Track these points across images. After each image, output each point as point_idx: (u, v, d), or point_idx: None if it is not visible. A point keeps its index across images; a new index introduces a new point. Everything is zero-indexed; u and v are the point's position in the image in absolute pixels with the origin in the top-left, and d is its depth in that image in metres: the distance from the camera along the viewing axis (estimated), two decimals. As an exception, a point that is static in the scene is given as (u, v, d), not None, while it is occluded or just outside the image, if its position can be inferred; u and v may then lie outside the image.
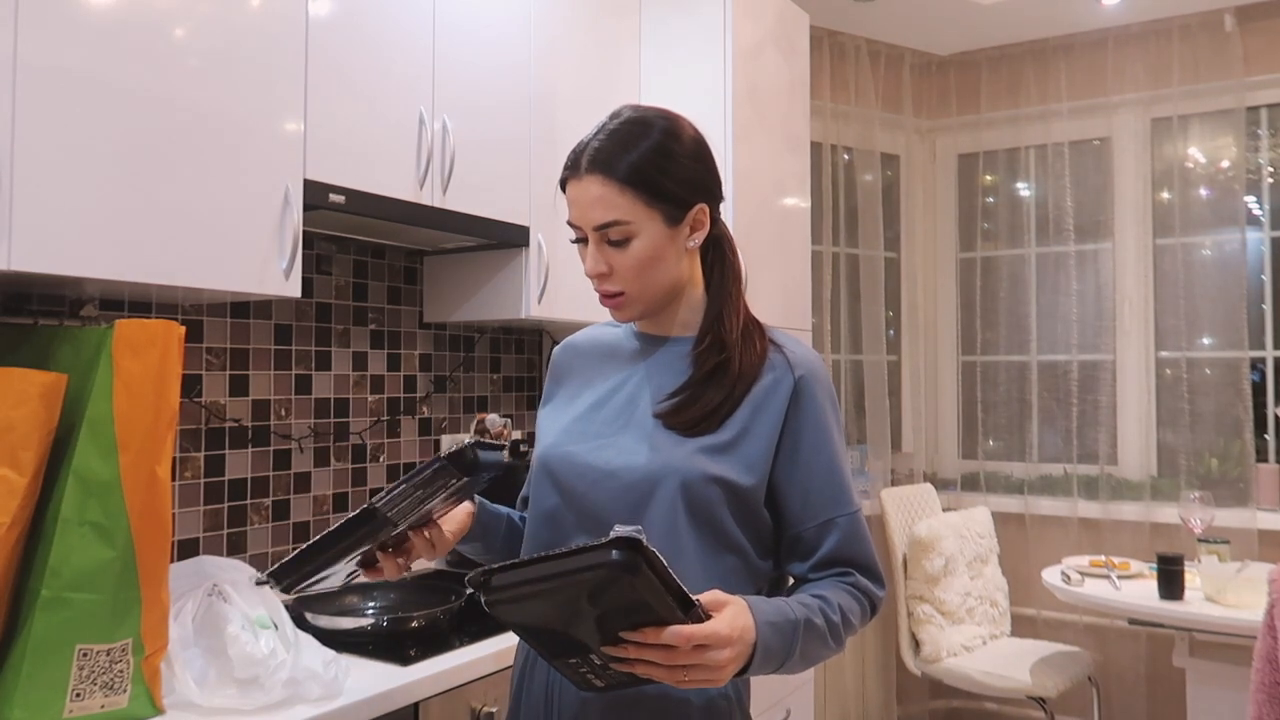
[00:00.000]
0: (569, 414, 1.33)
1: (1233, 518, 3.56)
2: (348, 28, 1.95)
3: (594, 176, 1.22)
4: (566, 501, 1.26)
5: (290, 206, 1.82)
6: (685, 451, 1.21)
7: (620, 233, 1.22)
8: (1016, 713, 3.98)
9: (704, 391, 1.24)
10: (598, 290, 1.27)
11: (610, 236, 1.23)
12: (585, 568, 0.92)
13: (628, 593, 0.93)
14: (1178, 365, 3.83)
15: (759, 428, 1.23)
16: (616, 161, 1.22)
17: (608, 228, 1.22)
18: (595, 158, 1.23)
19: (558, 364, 1.42)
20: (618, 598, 0.94)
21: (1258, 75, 3.71)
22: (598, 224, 1.22)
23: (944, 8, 3.81)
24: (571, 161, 1.25)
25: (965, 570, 3.68)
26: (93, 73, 1.54)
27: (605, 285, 1.25)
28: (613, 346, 1.37)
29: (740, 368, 1.25)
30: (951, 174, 4.37)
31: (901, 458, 4.26)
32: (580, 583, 0.93)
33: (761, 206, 2.91)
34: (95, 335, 1.50)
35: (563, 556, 0.93)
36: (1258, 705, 1.39)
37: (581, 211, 1.23)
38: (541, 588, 0.94)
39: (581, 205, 1.23)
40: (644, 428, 1.25)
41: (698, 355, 1.28)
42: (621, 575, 0.91)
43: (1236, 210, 3.74)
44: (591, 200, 1.22)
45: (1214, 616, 2.73)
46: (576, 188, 1.24)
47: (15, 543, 1.41)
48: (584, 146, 1.24)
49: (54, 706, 1.40)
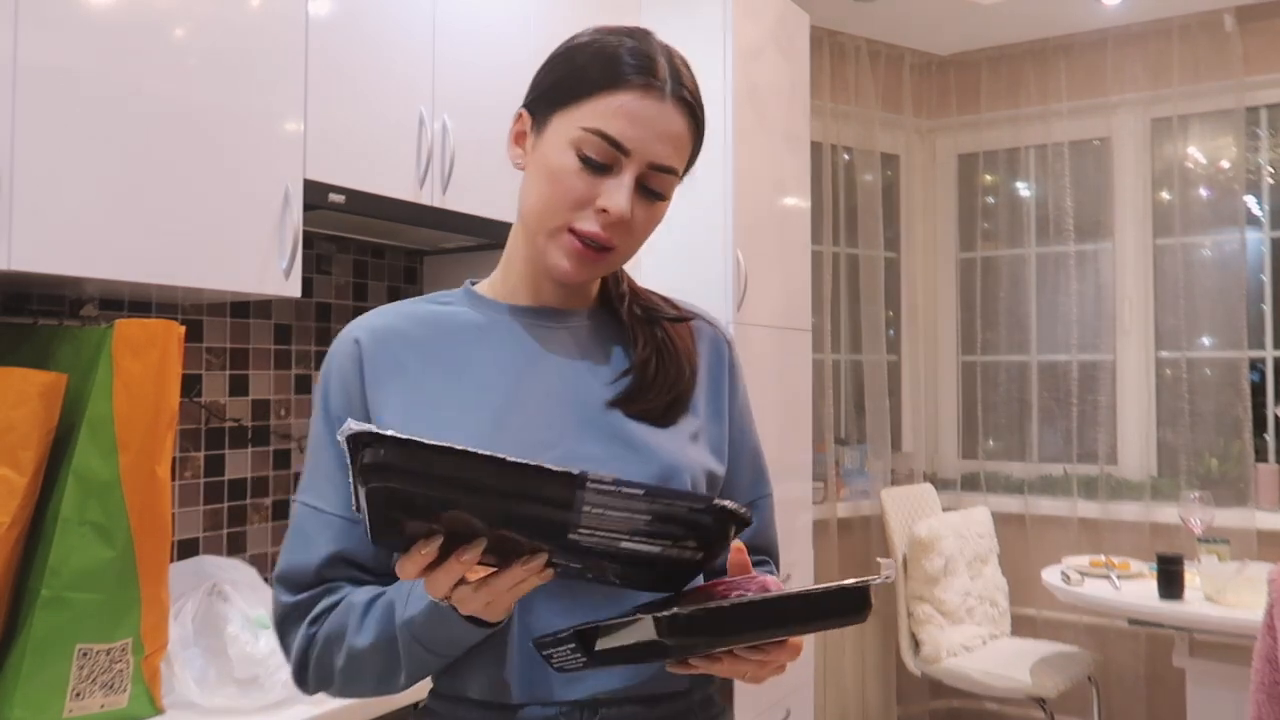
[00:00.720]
0: (459, 420, 0.97)
1: (1232, 518, 3.55)
2: (348, 28, 1.95)
3: (681, 110, 0.98)
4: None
5: (290, 206, 1.82)
6: (675, 445, 1.00)
7: (665, 185, 0.99)
8: (1016, 713, 3.98)
9: (662, 369, 1.03)
10: (584, 231, 0.96)
11: (654, 184, 0.98)
12: (830, 615, 0.79)
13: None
14: (1178, 365, 3.83)
15: (714, 404, 1.08)
16: (700, 108, 1.01)
17: (664, 173, 0.98)
18: (687, 91, 0.99)
19: (370, 356, 1.00)
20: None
21: (1258, 75, 3.71)
22: (661, 163, 0.97)
23: (944, 8, 3.81)
24: (656, 73, 0.97)
25: (965, 570, 3.68)
26: (93, 73, 1.54)
27: (608, 233, 0.97)
28: (464, 325, 1.04)
29: (677, 334, 1.07)
30: (951, 174, 4.37)
31: (901, 458, 4.26)
32: (812, 628, 0.81)
33: (761, 206, 2.91)
34: (95, 335, 1.50)
35: (803, 597, 0.78)
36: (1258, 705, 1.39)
37: (650, 138, 0.95)
38: (752, 636, 0.79)
39: (655, 131, 0.95)
40: (603, 423, 0.99)
41: (632, 325, 1.06)
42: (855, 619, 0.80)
43: (1236, 210, 3.74)
44: (674, 134, 0.97)
45: (1214, 616, 2.73)
46: (656, 108, 0.96)
47: (15, 542, 1.41)
48: (673, 67, 0.99)
49: (54, 706, 1.40)
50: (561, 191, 0.96)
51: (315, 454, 1.01)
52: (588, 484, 0.74)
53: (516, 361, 1.01)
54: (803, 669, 3.04)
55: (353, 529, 0.96)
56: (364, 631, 0.92)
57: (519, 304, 1.06)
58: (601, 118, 0.95)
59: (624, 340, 1.06)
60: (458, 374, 1.00)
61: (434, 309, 1.06)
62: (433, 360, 1.01)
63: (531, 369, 1.01)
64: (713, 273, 2.74)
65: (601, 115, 0.95)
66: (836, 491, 3.96)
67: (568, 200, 0.96)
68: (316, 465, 1.00)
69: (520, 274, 1.06)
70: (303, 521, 0.99)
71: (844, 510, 3.96)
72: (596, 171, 0.95)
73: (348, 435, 0.71)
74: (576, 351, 1.04)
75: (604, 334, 1.06)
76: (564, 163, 0.96)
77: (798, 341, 3.11)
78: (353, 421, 0.71)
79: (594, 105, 0.95)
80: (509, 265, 1.08)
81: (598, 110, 0.95)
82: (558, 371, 1.02)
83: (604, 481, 0.74)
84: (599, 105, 0.95)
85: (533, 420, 0.98)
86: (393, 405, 0.98)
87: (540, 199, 0.98)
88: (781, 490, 3.15)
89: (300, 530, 0.99)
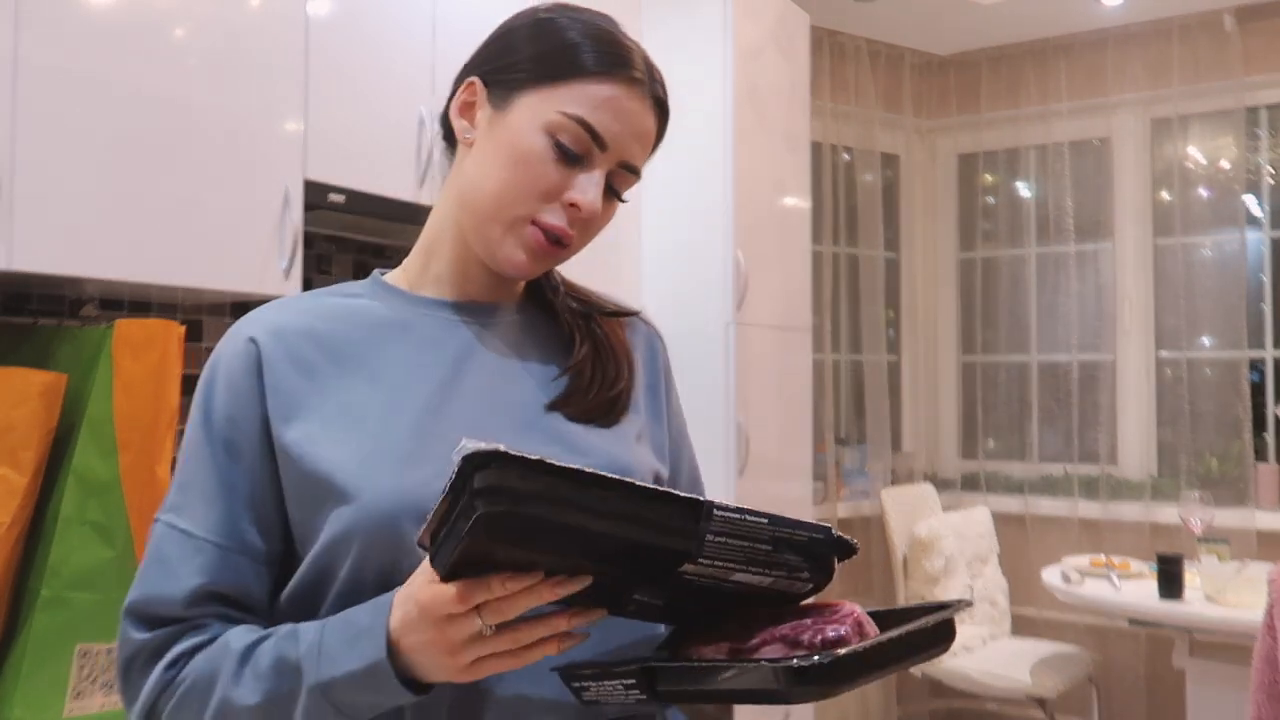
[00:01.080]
0: (380, 429, 0.86)
1: (1232, 518, 3.55)
2: (348, 28, 1.95)
3: (655, 112, 0.92)
4: None
5: (290, 206, 1.82)
6: (621, 446, 0.93)
7: (628, 185, 0.93)
8: (1016, 713, 3.98)
9: (601, 366, 0.95)
10: (549, 225, 0.88)
11: (618, 184, 0.91)
12: (927, 648, 0.77)
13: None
14: (1178, 365, 3.83)
15: (653, 405, 1.01)
16: (668, 114, 0.94)
17: (631, 173, 0.92)
18: (662, 94, 0.93)
19: (270, 360, 0.88)
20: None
21: (1258, 75, 3.71)
22: (632, 163, 0.91)
23: (944, 8, 3.81)
24: (639, 67, 0.90)
25: (965, 570, 3.68)
26: (93, 73, 1.54)
27: (573, 229, 0.89)
28: (380, 321, 0.93)
29: (612, 330, 0.99)
30: (951, 174, 4.37)
31: (901, 458, 4.26)
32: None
33: (761, 206, 2.91)
34: (95, 335, 1.50)
35: (913, 635, 0.75)
36: (1258, 705, 1.39)
37: (629, 136, 0.89)
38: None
39: (633, 130, 0.89)
40: (543, 426, 0.90)
41: (568, 320, 0.98)
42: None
43: (1236, 210, 3.74)
44: (646, 134, 0.91)
45: (1214, 616, 2.73)
46: (639, 105, 0.89)
47: (15, 542, 1.41)
48: (649, 65, 0.92)
49: (54, 706, 1.40)
50: (530, 180, 0.86)
51: (190, 469, 0.87)
52: (714, 513, 0.69)
53: (443, 361, 0.91)
54: (803, 669, 3.04)
55: (227, 558, 0.84)
56: (243, 685, 0.79)
57: (442, 297, 0.95)
58: (584, 104, 0.86)
59: (557, 336, 0.97)
60: (376, 377, 0.89)
61: (342, 302, 0.94)
62: (347, 361, 0.89)
63: (460, 370, 0.91)
64: (713, 273, 2.74)
65: (587, 103, 0.86)
66: (837, 491, 3.96)
67: (536, 189, 0.86)
68: (189, 483, 0.87)
69: (448, 263, 0.95)
70: (166, 546, 0.85)
71: (844, 510, 3.96)
72: (569, 162, 0.87)
73: (464, 455, 0.63)
74: (508, 350, 0.94)
75: (536, 330, 0.97)
76: (535, 147, 0.86)
77: (798, 341, 3.11)
78: (468, 440, 0.64)
79: (579, 90, 0.86)
80: (432, 253, 0.96)
81: (584, 97, 0.86)
82: (489, 372, 0.92)
83: (729, 510, 0.69)
84: (585, 91, 0.86)
85: (461, 427, 0.85)
86: (303, 415, 0.86)
87: (502, 184, 0.87)
88: (781, 490, 3.16)
89: (161, 556, 0.85)
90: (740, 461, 2.73)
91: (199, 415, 0.88)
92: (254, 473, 0.86)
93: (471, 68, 0.94)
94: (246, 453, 0.86)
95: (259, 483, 0.86)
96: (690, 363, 2.74)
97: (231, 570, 0.84)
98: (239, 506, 0.85)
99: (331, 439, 0.84)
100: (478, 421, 0.88)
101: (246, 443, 0.86)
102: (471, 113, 0.92)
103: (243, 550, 0.85)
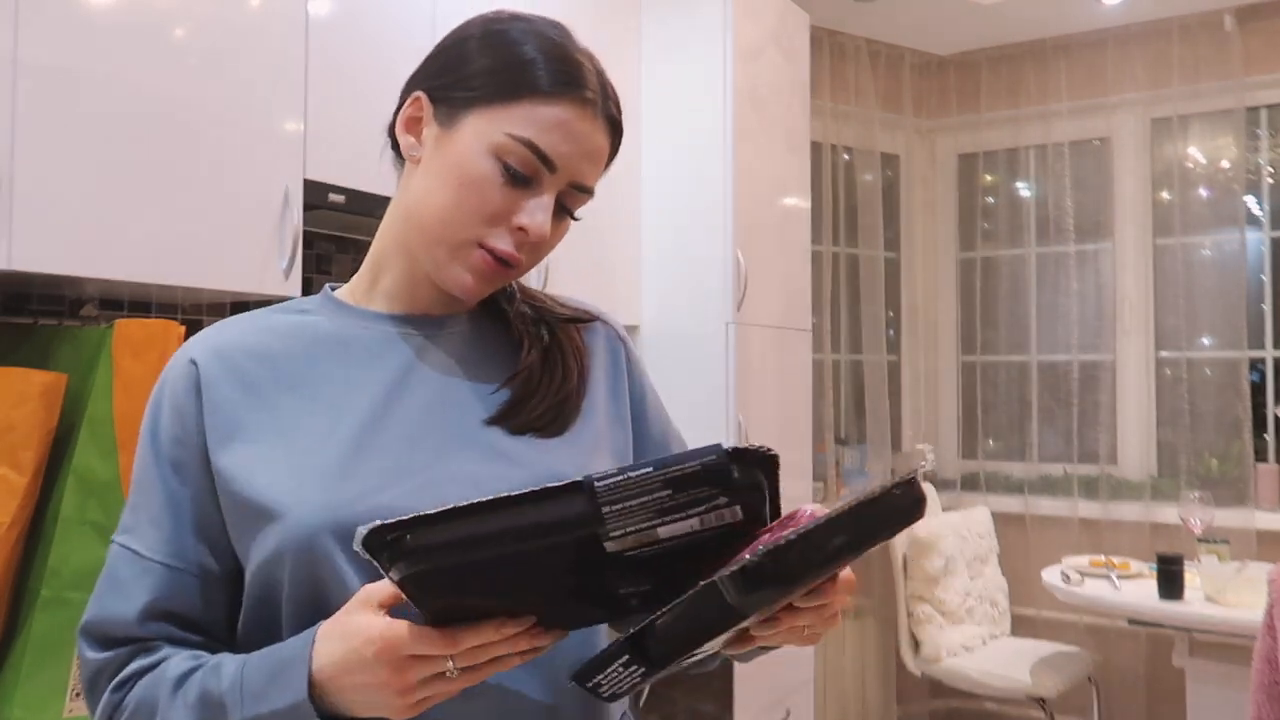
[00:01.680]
0: (316, 448, 0.84)
1: (1232, 518, 3.55)
2: (348, 28, 1.95)
3: (607, 130, 0.89)
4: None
5: (290, 206, 1.82)
6: (566, 454, 0.90)
7: (579, 204, 0.90)
8: (1016, 713, 3.98)
9: (547, 373, 0.93)
10: (497, 250, 0.86)
11: (569, 203, 0.89)
12: (891, 520, 0.74)
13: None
14: (1178, 365, 3.83)
15: (615, 409, 0.98)
16: (621, 130, 0.92)
17: (583, 193, 0.89)
18: (615, 109, 0.90)
19: (209, 380, 0.87)
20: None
21: (1258, 75, 3.71)
22: (583, 184, 0.88)
23: (944, 8, 3.81)
24: (590, 85, 0.87)
25: (965, 570, 3.68)
26: (93, 73, 1.54)
27: (520, 252, 0.87)
28: (323, 337, 0.91)
29: (567, 336, 0.96)
30: (951, 174, 4.37)
31: (901, 458, 4.26)
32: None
33: (761, 206, 2.91)
34: (95, 335, 1.50)
35: (862, 506, 0.72)
36: (1258, 705, 1.39)
37: (579, 157, 0.87)
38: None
39: (583, 151, 0.87)
40: (482, 440, 0.87)
41: (519, 326, 0.95)
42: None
43: (1236, 210, 3.74)
44: (597, 153, 0.88)
45: (1214, 616, 2.73)
46: (589, 126, 0.87)
47: (15, 542, 1.41)
48: (602, 81, 0.90)
49: (54, 706, 1.40)
50: (477, 204, 0.84)
51: (140, 490, 0.87)
52: (595, 484, 0.69)
53: (384, 377, 0.89)
54: (803, 669, 3.04)
55: (177, 578, 0.84)
56: (175, 715, 0.79)
57: (391, 311, 0.93)
58: (533, 125, 0.84)
59: (508, 345, 0.95)
60: (314, 395, 0.87)
61: (290, 319, 0.92)
62: (289, 380, 0.87)
63: (402, 385, 0.89)
64: (713, 273, 2.74)
65: (536, 125, 0.84)
66: (837, 491, 3.96)
67: (483, 214, 0.84)
68: (139, 504, 0.87)
69: (397, 278, 0.93)
70: (118, 566, 0.86)
71: (844, 510, 3.96)
72: (517, 184, 0.85)
73: (362, 540, 0.66)
74: (453, 363, 0.92)
75: (486, 340, 0.95)
76: (483, 171, 0.84)
77: (798, 341, 3.11)
78: (361, 528, 0.66)
79: (529, 112, 0.84)
80: (381, 267, 0.94)
81: (533, 118, 0.84)
82: (430, 387, 0.89)
83: (609, 477, 0.69)
84: (535, 114, 0.84)
85: (396, 443, 0.85)
86: (242, 435, 0.84)
87: (449, 208, 0.85)
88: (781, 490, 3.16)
89: (114, 576, 0.86)
90: (740, 461, 2.72)
91: (147, 436, 0.88)
92: (200, 493, 0.85)
93: (417, 81, 0.92)
94: (192, 473, 0.86)
95: (206, 503, 0.85)
96: (690, 363, 2.74)
97: (180, 590, 0.84)
98: (186, 527, 0.85)
99: (265, 459, 0.83)
100: (413, 439, 0.86)
101: (192, 463, 0.86)
102: (418, 128, 0.90)
103: (192, 571, 0.85)
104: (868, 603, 4.00)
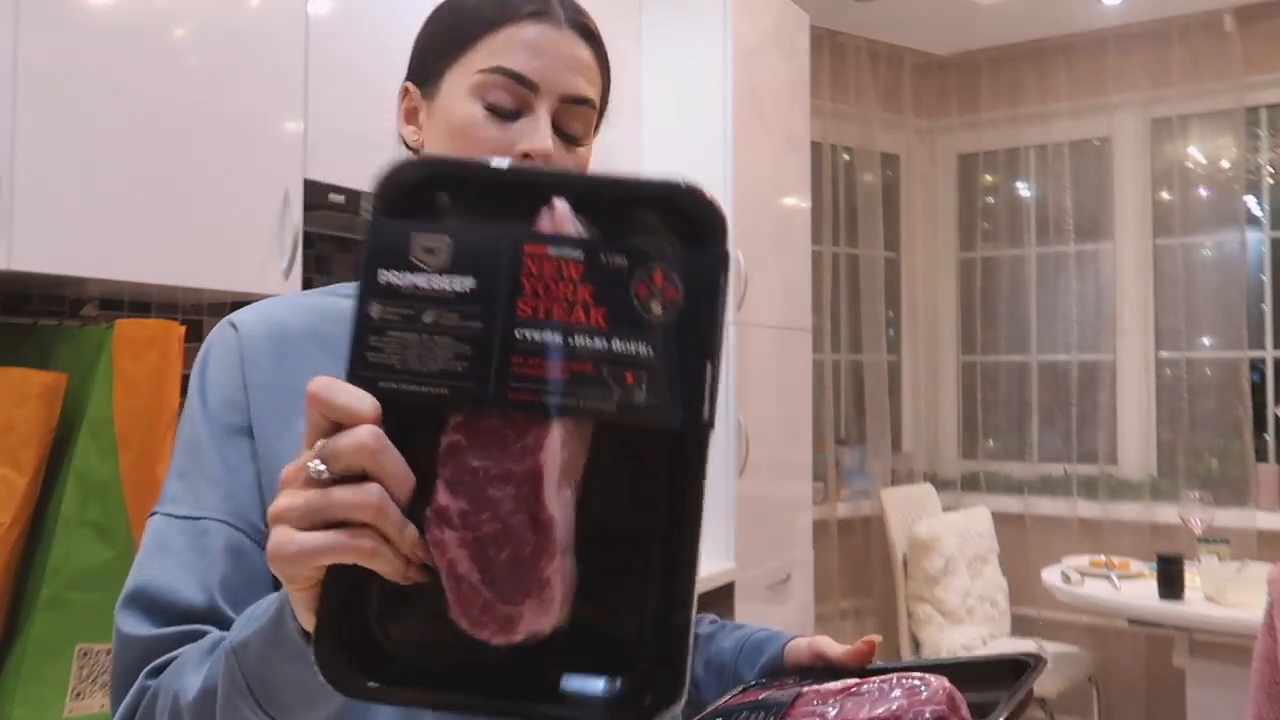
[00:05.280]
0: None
1: (1233, 518, 3.55)
2: (348, 28, 1.95)
3: (580, 37, 0.87)
4: None
5: (290, 206, 1.82)
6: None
7: (583, 121, 0.87)
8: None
9: None
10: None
11: (570, 124, 0.86)
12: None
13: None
14: (1178, 365, 3.83)
15: None
16: (600, 38, 0.89)
17: (579, 105, 0.85)
18: (580, 17, 0.88)
19: (253, 350, 0.84)
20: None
21: (1258, 75, 3.71)
22: (574, 94, 0.85)
23: (944, 8, 3.81)
24: (548, 2, 0.86)
25: (965, 570, 3.68)
26: (93, 73, 1.54)
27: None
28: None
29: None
30: (951, 174, 4.37)
31: (901, 458, 4.26)
32: None
33: (761, 206, 2.91)
34: (95, 335, 1.50)
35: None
36: (1258, 705, 1.39)
37: (557, 67, 0.84)
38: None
39: (560, 60, 0.84)
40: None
41: None
42: None
43: (1236, 210, 3.74)
44: (580, 62, 0.86)
45: (1214, 616, 2.73)
46: (554, 34, 0.85)
47: (15, 543, 1.41)
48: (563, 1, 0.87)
49: (54, 706, 1.40)
50: (471, 145, 0.83)
51: (191, 456, 0.81)
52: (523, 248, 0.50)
53: None
54: (803, 669, 3.04)
55: (234, 537, 0.77)
56: (195, 673, 0.67)
57: None
58: (497, 54, 0.84)
59: None
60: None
61: (338, 302, 0.89)
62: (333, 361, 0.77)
63: None
64: (713, 273, 2.74)
65: (497, 52, 0.84)
66: (836, 491, 3.96)
67: (480, 153, 0.82)
68: (188, 468, 0.81)
69: None
70: (169, 536, 0.78)
71: (844, 510, 3.96)
72: (505, 117, 0.83)
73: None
74: None
75: None
76: (468, 114, 0.84)
77: (797, 341, 3.11)
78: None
79: (486, 45, 0.84)
80: None
81: (492, 49, 0.84)
82: None
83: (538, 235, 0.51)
84: (491, 44, 0.84)
85: None
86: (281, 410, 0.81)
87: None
88: (781, 490, 3.15)
89: (164, 545, 0.77)
90: (740, 462, 2.73)
91: (197, 401, 0.83)
92: (252, 459, 0.81)
93: (405, 78, 0.95)
94: (244, 437, 0.81)
95: (255, 469, 0.80)
96: (690, 363, 2.73)
97: (236, 552, 0.77)
98: (244, 487, 0.80)
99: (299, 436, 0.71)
100: None
101: (243, 426, 0.81)
102: (415, 117, 0.92)
103: (250, 533, 0.78)
104: (868, 603, 4.00)
